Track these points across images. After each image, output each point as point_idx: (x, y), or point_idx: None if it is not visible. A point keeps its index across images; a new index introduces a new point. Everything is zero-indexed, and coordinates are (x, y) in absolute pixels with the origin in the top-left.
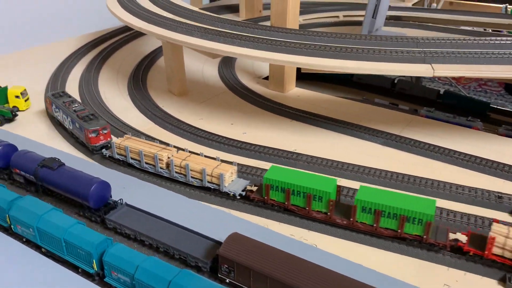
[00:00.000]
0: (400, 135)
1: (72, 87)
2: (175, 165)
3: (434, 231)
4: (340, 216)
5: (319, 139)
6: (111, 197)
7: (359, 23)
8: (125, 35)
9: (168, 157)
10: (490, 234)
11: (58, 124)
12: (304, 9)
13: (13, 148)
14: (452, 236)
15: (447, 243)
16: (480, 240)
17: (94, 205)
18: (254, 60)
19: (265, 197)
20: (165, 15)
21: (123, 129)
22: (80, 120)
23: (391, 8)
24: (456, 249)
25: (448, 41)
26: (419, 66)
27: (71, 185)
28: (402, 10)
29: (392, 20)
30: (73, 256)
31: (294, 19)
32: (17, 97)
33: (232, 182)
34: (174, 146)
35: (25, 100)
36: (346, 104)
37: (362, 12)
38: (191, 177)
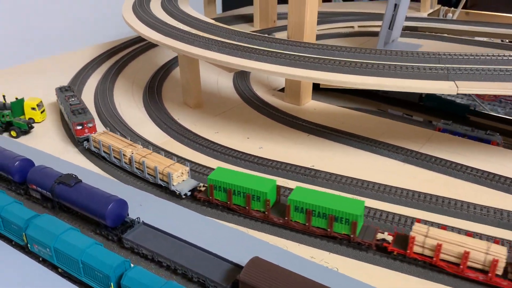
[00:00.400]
0: (420, 151)
1: (87, 98)
2: (135, 161)
3: (363, 231)
4: (277, 216)
5: (337, 155)
6: (128, 215)
7: (375, 34)
8: (140, 45)
9: (132, 153)
10: (411, 233)
11: (69, 130)
12: (320, 19)
13: (29, 163)
14: (381, 236)
15: (373, 242)
16: (404, 240)
17: (111, 224)
18: (272, 75)
19: (210, 197)
20: (181, 27)
21: (140, 143)
22: (71, 113)
23: (407, 18)
24: (383, 249)
25: (471, 57)
26: (443, 83)
27: (88, 203)
28: (418, 21)
29: (408, 31)
30: (91, 278)
31: (311, 32)
32: (33, 109)
33: (183, 182)
34: (188, 160)
35: (41, 112)
36: (363, 118)
37: (377, 23)
38: (147, 173)
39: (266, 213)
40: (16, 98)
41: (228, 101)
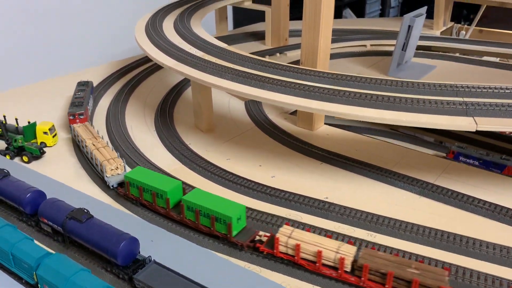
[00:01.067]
0: (436, 183)
1: (100, 121)
2: (90, 152)
3: (245, 233)
4: (177, 213)
5: (351, 186)
6: (139, 252)
7: (388, 53)
8: (152, 63)
9: (92, 145)
10: (276, 235)
11: (84, 160)
12: (332, 37)
13: (41, 194)
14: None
15: (245, 243)
16: (273, 241)
17: (122, 263)
18: (286, 106)
19: (127, 192)
20: (194, 52)
21: (151, 168)
22: (70, 104)
23: (420, 37)
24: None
25: (489, 90)
26: (462, 119)
27: (99, 240)
28: (431, 40)
29: (421, 51)
30: None
31: (325, 58)
32: (45, 133)
33: (117, 175)
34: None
35: (53, 136)
36: (377, 146)
37: (390, 41)
38: (95, 163)
39: (167, 209)
40: (29, 122)
41: (240, 125)
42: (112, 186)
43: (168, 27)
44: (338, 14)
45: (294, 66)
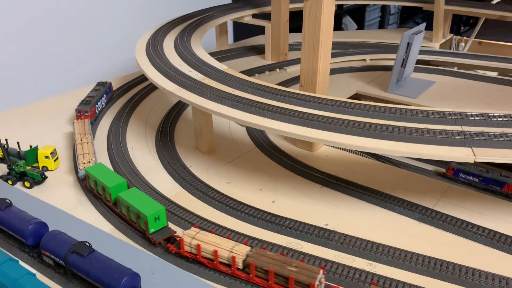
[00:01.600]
0: (435, 209)
1: (101, 143)
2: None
3: (163, 231)
4: (116, 208)
5: (351, 211)
6: (140, 287)
7: (387, 68)
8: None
9: (80, 139)
10: (182, 236)
11: (85, 188)
12: (331, 51)
13: (43, 226)
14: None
15: (157, 240)
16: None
17: None
18: (285, 135)
19: (87, 184)
20: (194, 75)
21: (151, 194)
22: (80, 102)
23: (419, 51)
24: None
25: (488, 118)
26: (460, 150)
27: (101, 276)
28: (430, 54)
29: (420, 65)
30: None
31: (324, 82)
32: (46, 157)
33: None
34: (199, 217)
35: (55, 160)
36: (377, 168)
37: (389, 55)
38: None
39: (110, 203)
40: (30, 146)
41: (241, 146)
42: (80, 177)
43: (168, 47)
44: (338, 22)
45: (294, 92)
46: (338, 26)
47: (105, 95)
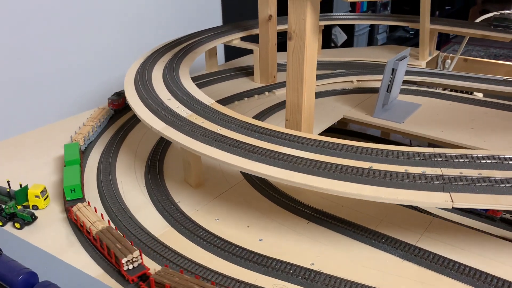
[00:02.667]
0: (418, 245)
1: (90, 178)
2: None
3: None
4: None
5: (337, 249)
6: None
7: (374, 90)
8: None
9: (83, 126)
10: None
11: (76, 228)
12: (318, 72)
13: (33, 275)
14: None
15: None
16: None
17: None
18: (270, 179)
19: None
20: (181, 111)
21: (139, 233)
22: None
23: (405, 72)
24: None
25: (466, 160)
26: (438, 196)
27: None
28: (416, 75)
29: (406, 85)
30: None
31: (309, 117)
32: (36, 196)
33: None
34: (187, 259)
35: (45, 199)
36: (363, 201)
37: (376, 76)
38: None
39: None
40: (20, 185)
41: (230, 178)
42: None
43: (157, 79)
44: (328, 33)
45: (279, 131)
46: (328, 36)
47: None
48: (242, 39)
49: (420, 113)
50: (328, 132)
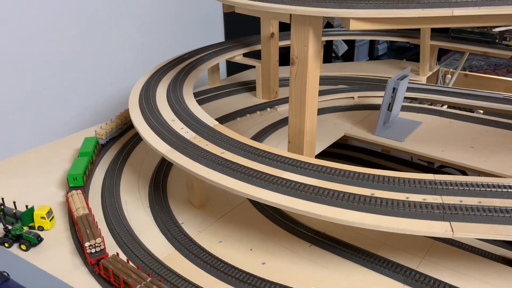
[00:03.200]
0: (419, 270)
1: (95, 199)
2: None
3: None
4: None
5: (339, 274)
6: None
7: (375, 107)
8: None
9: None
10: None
11: (80, 247)
12: (320, 90)
13: None
14: None
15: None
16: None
17: None
18: (273, 205)
19: None
20: (185, 133)
21: (143, 256)
22: None
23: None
24: None
25: (466, 188)
26: (439, 225)
27: None
28: (416, 92)
29: (407, 102)
30: None
31: (311, 140)
32: (42, 218)
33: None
34: (191, 283)
35: (50, 220)
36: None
37: (377, 93)
38: None
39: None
40: (26, 206)
41: (232, 198)
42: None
43: (161, 98)
44: (329, 43)
45: (281, 155)
46: (329, 47)
47: None
48: (245, 55)
49: (421, 131)
50: (331, 146)
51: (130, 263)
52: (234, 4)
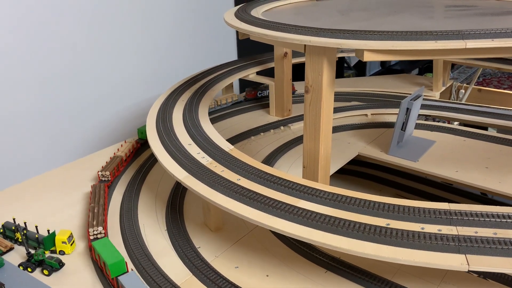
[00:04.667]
0: None
1: (114, 223)
2: None
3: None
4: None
5: None
6: None
7: (389, 125)
8: None
9: None
10: None
11: (100, 272)
12: (334, 107)
13: None
14: None
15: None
16: None
17: None
18: (289, 235)
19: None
20: (201, 158)
21: (161, 283)
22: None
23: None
24: None
25: (482, 219)
26: (454, 258)
27: None
28: (430, 109)
29: (421, 119)
30: None
31: (326, 165)
32: (63, 242)
33: None
34: None
35: (71, 244)
36: None
37: (390, 110)
38: None
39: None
40: (48, 231)
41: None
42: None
43: (177, 121)
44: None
45: (296, 182)
46: (341, 59)
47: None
48: (258, 73)
49: (435, 150)
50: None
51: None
52: (249, 33)
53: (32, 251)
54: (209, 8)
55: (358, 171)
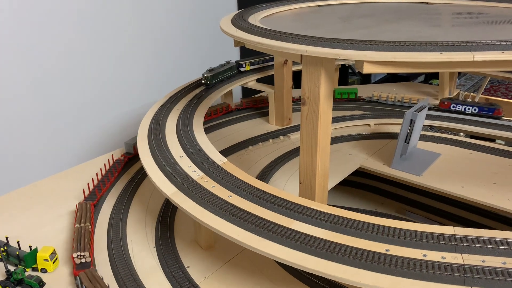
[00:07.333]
0: None
1: (100, 238)
2: None
3: None
4: None
5: None
6: None
7: (392, 136)
8: None
9: None
10: None
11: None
12: (334, 117)
13: None
14: None
15: None
16: None
17: None
18: (284, 262)
19: None
20: (192, 172)
21: None
22: None
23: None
24: None
25: (489, 246)
26: None
27: None
28: (435, 120)
29: (425, 130)
30: None
31: (323, 182)
32: (45, 260)
33: None
34: None
35: (53, 262)
36: None
37: (393, 120)
38: None
39: None
40: (30, 247)
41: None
42: None
43: (170, 131)
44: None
45: (291, 201)
46: (344, 65)
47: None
48: (258, 81)
49: (440, 163)
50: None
51: None
52: (244, 41)
53: (13, 269)
54: (212, 12)
55: (359, 182)
